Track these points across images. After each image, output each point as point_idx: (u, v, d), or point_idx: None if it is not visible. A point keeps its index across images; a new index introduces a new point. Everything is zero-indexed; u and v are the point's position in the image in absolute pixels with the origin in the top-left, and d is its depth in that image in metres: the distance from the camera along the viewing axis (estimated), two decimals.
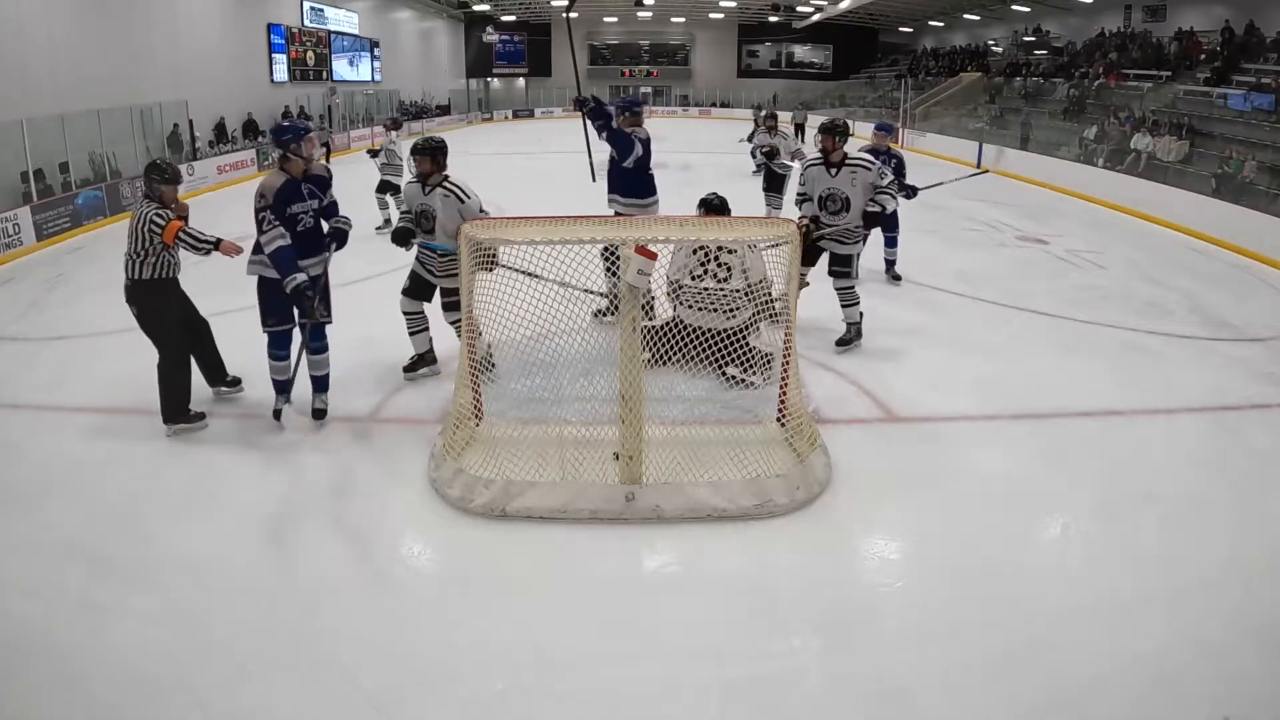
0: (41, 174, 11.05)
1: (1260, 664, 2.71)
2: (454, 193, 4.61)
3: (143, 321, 4.40)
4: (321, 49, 23.81)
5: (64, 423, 4.52)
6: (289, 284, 4.08)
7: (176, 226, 4.25)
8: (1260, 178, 11.61)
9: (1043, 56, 23.67)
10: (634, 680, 2.64)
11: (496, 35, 36.34)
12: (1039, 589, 3.10)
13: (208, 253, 4.34)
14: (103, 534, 3.42)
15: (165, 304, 4.38)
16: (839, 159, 5.09)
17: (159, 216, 4.23)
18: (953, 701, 2.56)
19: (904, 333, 5.91)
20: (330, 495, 3.71)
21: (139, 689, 2.58)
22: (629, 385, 3.42)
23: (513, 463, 3.62)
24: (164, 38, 16.08)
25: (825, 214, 5.13)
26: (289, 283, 4.07)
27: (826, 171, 5.12)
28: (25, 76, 12.25)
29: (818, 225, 5.20)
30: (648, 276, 3.36)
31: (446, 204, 4.60)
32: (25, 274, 8.38)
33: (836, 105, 30.96)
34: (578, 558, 3.27)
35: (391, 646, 2.76)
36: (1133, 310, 6.65)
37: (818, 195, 5.18)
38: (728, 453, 3.68)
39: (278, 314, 4.30)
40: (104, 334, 6.06)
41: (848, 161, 5.08)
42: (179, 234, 4.25)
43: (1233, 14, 17.26)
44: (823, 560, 3.29)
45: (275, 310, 4.29)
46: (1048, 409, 4.67)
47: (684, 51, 38.81)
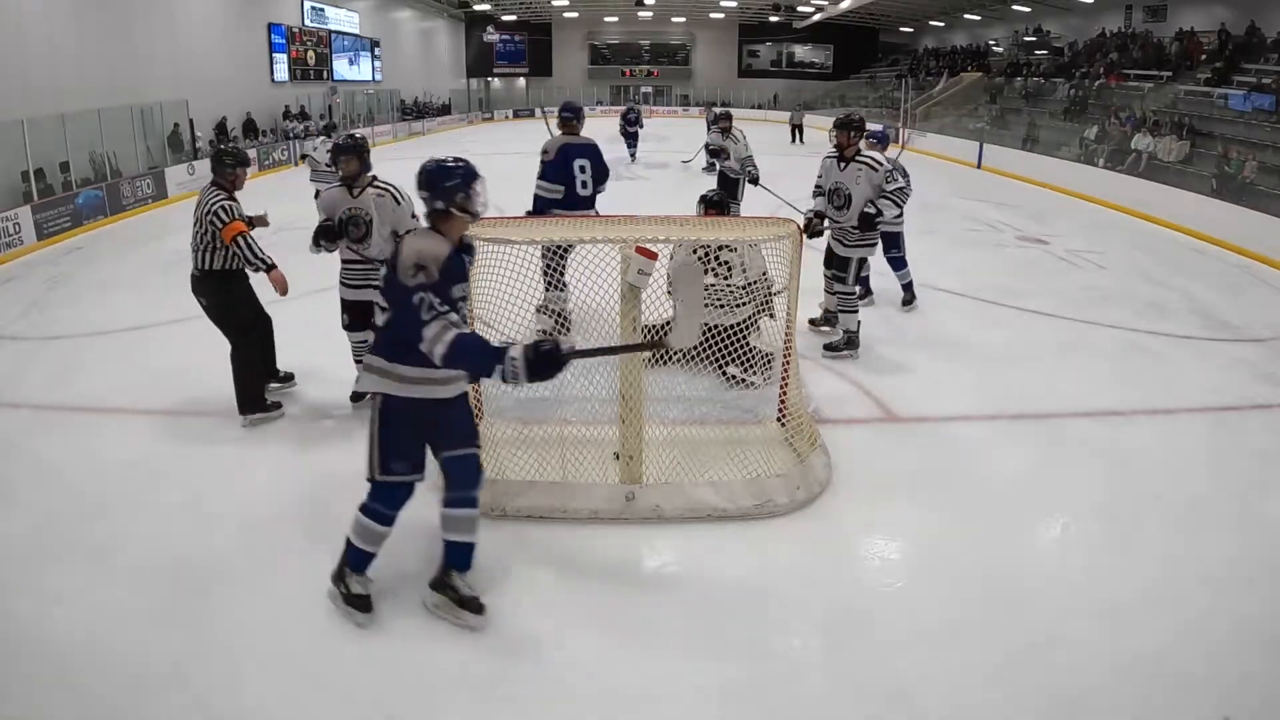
0: (42, 173, 11.06)
1: (1262, 665, 2.71)
2: (389, 192, 4.24)
3: (212, 313, 4.35)
4: (322, 49, 23.81)
5: (63, 422, 4.52)
6: (511, 370, 2.43)
7: (237, 229, 4.12)
8: (1261, 178, 11.61)
9: (1043, 56, 23.66)
10: (634, 681, 2.64)
11: (497, 35, 36.34)
12: (1040, 589, 3.10)
13: (256, 270, 4.20)
14: (103, 534, 3.42)
15: (234, 295, 4.32)
16: (851, 154, 5.05)
17: (224, 210, 4.13)
18: (953, 702, 2.55)
19: (904, 333, 5.91)
20: (329, 496, 3.69)
21: (138, 689, 2.58)
22: (629, 385, 3.42)
23: (512, 462, 3.61)
24: (164, 37, 16.08)
25: (831, 208, 5.12)
26: (511, 369, 2.43)
27: (838, 165, 5.10)
28: (25, 76, 12.25)
29: (822, 220, 5.21)
30: (648, 276, 3.35)
31: (381, 204, 4.23)
32: (26, 273, 8.38)
33: (837, 105, 30.95)
34: (578, 557, 3.27)
35: (391, 646, 2.76)
36: (1133, 310, 6.65)
37: (826, 189, 5.17)
38: (728, 452, 3.67)
39: (408, 455, 2.76)
40: (104, 333, 6.07)
41: (858, 158, 5.03)
42: (236, 238, 4.12)
43: (1233, 14, 17.27)
44: (823, 560, 3.29)
45: (404, 450, 2.76)
46: (1048, 409, 4.67)
47: (685, 51, 38.81)
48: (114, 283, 7.74)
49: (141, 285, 7.55)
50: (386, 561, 3.18)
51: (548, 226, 3.86)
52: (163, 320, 6.25)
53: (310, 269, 4.83)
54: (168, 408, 4.66)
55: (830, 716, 2.52)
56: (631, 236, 3.38)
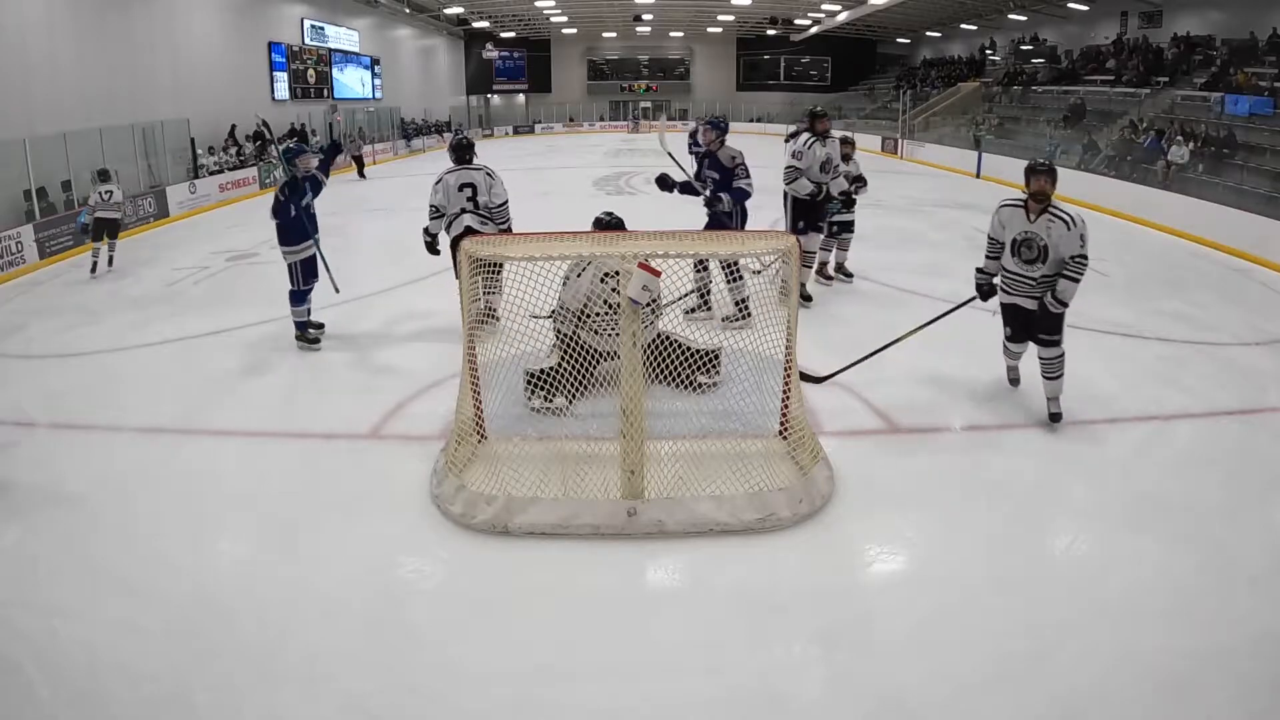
0: (44, 192, 11.12)
1: (1266, 669, 2.68)
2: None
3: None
4: (322, 66, 23.96)
5: (64, 438, 4.52)
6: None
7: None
8: (1261, 181, 11.62)
9: (1040, 65, 23.77)
10: (637, 695, 2.62)
11: (496, 52, 36.56)
12: (1043, 598, 3.07)
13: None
14: (100, 548, 3.41)
15: None
16: (1043, 207, 4.34)
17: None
18: (957, 713, 2.53)
19: (904, 343, 5.89)
20: (332, 512, 3.70)
21: (141, 705, 2.56)
22: (630, 400, 3.41)
23: (515, 479, 3.60)
24: (165, 56, 16.19)
25: (1019, 261, 4.43)
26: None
27: (1026, 215, 4.39)
28: (27, 95, 12.34)
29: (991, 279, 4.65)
30: (651, 293, 3.36)
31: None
32: (28, 292, 8.41)
33: (835, 116, 31.07)
34: (580, 573, 3.25)
35: (394, 663, 2.75)
36: (1134, 316, 6.64)
37: (1007, 239, 4.48)
38: (730, 466, 3.66)
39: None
40: (106, 351, 6.08)
41: (1051, 209, 4.31)
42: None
43: (1228, 19, 17.35)
44: (826, 573, 3.27)
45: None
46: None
47: (683, 66, 39.01)
48: (116, 301, 7.75)
49: (143, 304, 7.56)
50: (388, 581, 3.18)
51: (549, 244, 3.86)
52: (167, 338, 6.27)
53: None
54: (167, 425, 4.65)
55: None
56: (630, 252, 3.38)
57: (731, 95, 37.56)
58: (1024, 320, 4.52)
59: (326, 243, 6.17)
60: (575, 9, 31.38)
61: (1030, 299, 4.43)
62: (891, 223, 11.19)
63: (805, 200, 6.58)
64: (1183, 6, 18.83)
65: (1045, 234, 4.29)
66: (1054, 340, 4.43)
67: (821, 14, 29.57)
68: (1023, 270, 4.42)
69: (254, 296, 4.41)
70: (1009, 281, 4.52)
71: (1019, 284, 4.47)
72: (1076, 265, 4.24)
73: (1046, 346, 4.44)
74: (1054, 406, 4.52)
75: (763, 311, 3.89)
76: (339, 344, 5.98)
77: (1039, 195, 4.31)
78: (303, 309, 5.84)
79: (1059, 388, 4.51)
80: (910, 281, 7.50)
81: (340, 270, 6.23)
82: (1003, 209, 4.51)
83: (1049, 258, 4.31)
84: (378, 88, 27.70)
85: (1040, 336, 4.45)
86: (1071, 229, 4.21)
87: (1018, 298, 4.50)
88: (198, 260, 9.49)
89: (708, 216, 6.01)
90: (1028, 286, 4.43)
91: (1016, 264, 4.43)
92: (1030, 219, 4.35)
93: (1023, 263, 4.40)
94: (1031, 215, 4.35)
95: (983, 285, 4.68)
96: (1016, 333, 4.63)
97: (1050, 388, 4.53)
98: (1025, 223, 4.36)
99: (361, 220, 12.36)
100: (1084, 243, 4.22)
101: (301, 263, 5.74)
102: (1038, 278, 4.38)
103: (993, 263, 4.62)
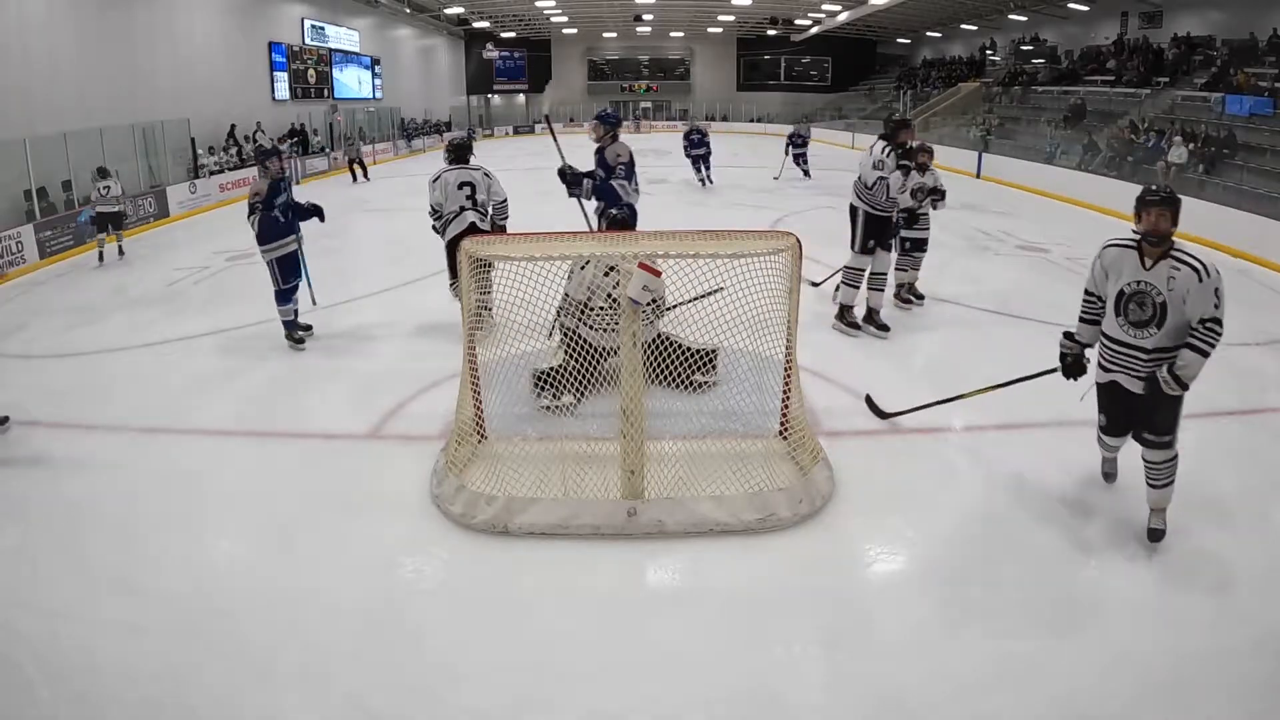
0: (44, 192, 11.12)
1: (1266, 670, 2.68)
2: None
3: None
4: (322, 66, 23.97)
5: (65, 438, 4.51)
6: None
7: None
8: (1261, 181, 11.62)
9: (1040, 65, 23.78)
10: (636, 695, 2.62)
11: (496, 52, 36.57)
12: (1043, 599, 3.07)
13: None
14: (100, 548, 3.42)
15: None
16: (1163, 249, 3.20)
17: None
18: (957, 713, 2.53)
19: (905, 343, 5.90)
20: (332, 512, 3.70)
21: (141, 705, 2.57)
22: (630, 400, 3.41)
23: (515, 479, 3.60)
24: (165, 56, 16.19)
25: (1124, 323, 3.26)
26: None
27: (1140, 260, 3.23)
28: (28, 95, 12.35)
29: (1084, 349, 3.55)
30: (651, 293, 3.36)
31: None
32: (28, 292, 8.41)
33: (835, 117, 31.11)
34: (580, 573, 3.26)
35: (394, 663, 2.75)
36: None
37: (1113, 293, 3.29)
38: (730, 467, 3.66)
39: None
40: (106, 351, 6.08)
41: (1174, 254, 3.20)
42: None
43: (1228, 20, 17.36)
44: (827, 573, 3.27)
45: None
46: (1050, 418, 4.63)
47: (683, 66, 39.03)
48: (116, 301, 7.75)
49: (143, 304, 7.57)
50: (388, 581, 3.17)
51: (550, 243, 3.86)
52: (167, 338, 6.27)
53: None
54: (167, 424, 4.66)
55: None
56: (630, 252, 3.38)
57: (732, 95, 37.59)
58: (1125, 405, 3.35)
59: (326, 243, 6.18)
60: (575, 9, 31.39)
61: (1136, 377, 3.25)
62: None
63: (880, 216, 5.79)
64: (1183, 7, 18.84)
65: (1165, 287, 3.12)
66: (1164, 440, 3.26)
67: (822, 14, 29.59)
68: (1129, 337, 3.23)
69: (254, 296, 4.44)
70: (1109, 352, 3.33)
71: (1122, 356, 3.27)
72: (1208, 332, 3.06)
73: (1153, 447, 3.28)
74: (1156, 520, 3.40)
75: (763, 311, 3.89)
76: (339, 344, 5.98)
77: (1156, 235, 3.16)
78: (289, 308, 5.84)
79: (1166, 497, 3.36)
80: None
81: (340, 270, 6.25)
82: (1107, 251, 3.34)
83: (1167, 321, 3.13)
84: (378, 88, 27.71)
85: (1146, 436, 3.30)
86: (1204, 280, 3.06)
87: (1118, 374, 3.32)
88: (198, 260, 9.49)
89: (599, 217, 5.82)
90: (1134, 360, 3.23)
91: (1122, 327, 3.25)
92: (1145, 266, 3.19)
93: (1131, 326, 3.21)
94: (1147, 261, 3.20)
95: (1070, 357, 3.54)
96: (1114, 422, 3.48)
97: (1154, 496, 3.38)
98: (1138, 270, 3.19)
99: (361, 220, 12.37)
100: (1219, 301, 3.07)
101: (279, 260, 5.74)
102: (1149, 349, 3.19)
103: (1088, 328, 3.46)
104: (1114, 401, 3.41)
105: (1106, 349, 3.34)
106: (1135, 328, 3.21)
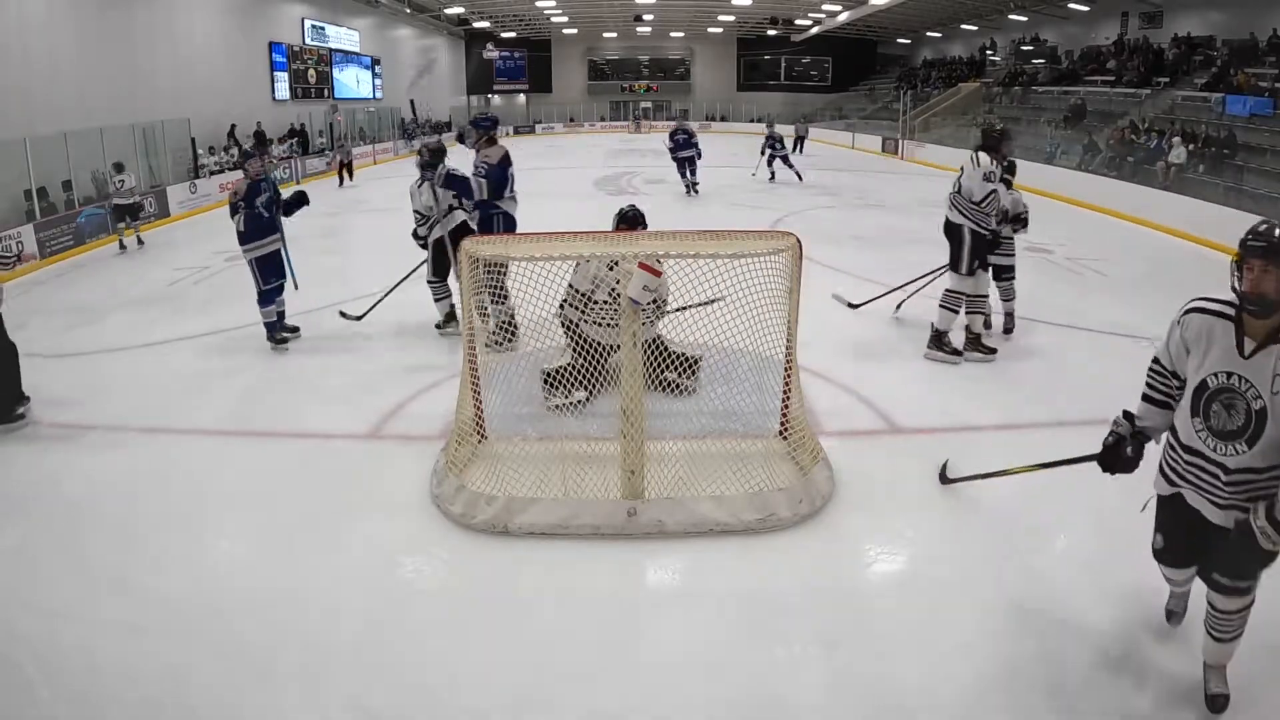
0: (45, 192, 11.13)
1: (1266, 670, 2.67)
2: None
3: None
4: (323, 66, 23.97)
5: (64, 437, 4.52)
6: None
7: None
8: (1261, 181, 11.62)
9: (1041, 65, 23.78)
10: (637, 695, 2.62)
11: (497, 52, 36.58)
12: (1044, 600, 3.07)
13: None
14: (100, 548, 3.42)
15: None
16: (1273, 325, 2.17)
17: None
18: (957, 713, 2.53)
19: (905, 344, 5.89)
20: (332, 512, 3.70)
21: (140, 705, 2.56)
22: (630, 400, 3.41)
23: (515, 479, 3.60)
24: (166, 56, 16.20)
25: (1203, 424, 2.27)
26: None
27: (1235, 343, 2.22)
28: (28, 95, 12.35)
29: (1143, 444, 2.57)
30: (651, 293, 3.36)
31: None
32: (28, 292, 8.40)
33: (836, 117, 31.11)
34: (580, 573, 3.25)
35: (394, 663, 2.74)
36: (1137, 317, 6.63)
37: (1199, 379, 2.29)
38: (730, 466, 3.66)
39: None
40: (108, 351, 6.08)
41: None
42: None
43: (1229, 20, 17.36)
44: (826, 574, 3.26)
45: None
46: (1051, 418, 4.64)
47: (684, 66, 39.03)
48: (116, 301, 7.75)
49: (143, 304, 7.57)
50: (388, 581, 3.17)
51: (550, 243, 3.86)
52: (168, 338, 6.27)
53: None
54: (167, 424, 4.66)
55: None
56: (631, 251, 3.38)
57: (732, 95, 37.59)
58: (1195, 530, 2.38)
59: (325, 242, 6.18)
60: (576, 9, 31.40)
61: (1213, 502, 2.30)
62: (892, 223, 11.21)
63: (985, 234, 5.36)
64: (1183, 7, 18.84)
65: (1268, 387, 2.14)
66: (1241, 586, 2.35)
67: (822, 14, 29.60)
68: (1207, 448, 2.27)
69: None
70: (1177, 461, 2.38)
71: (1195, 472, 2.33)
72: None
73: (1226, 594, 2.37)
74: (1215, 684, 2.50)
75: (763, 310, 3.88)
76: (339, 344, 5.98)
77: (1257, 299, 2.15)
78: (271, 309, 5.83)
79: (1228, 653, 2.47)
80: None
81: (341, 270, 6.24)
82: (1191, 317, 2.36)
83: (1265, 434, 2.16)
84: (378, 88, 27.71)
85: (1217, 578, 2.37)
86: None
87: (1190, 490, 2.36)
88: (198, 260, 9.50)
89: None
90: (1211, 481, 2.29)
91: (1199, 433, 2.28)
92: (1243, 351, 2.19)
93: (1211, 434, 2.25)
94: (1247, 344, 2.19)
95: (1119, 442, 2.57)
96: (1175, 548, 2.54)
97: (1215, 651, 2.48)
98: (1232, 355, 2.21)
99: (361, 220, 12.37)
100: None
101: (259, 260, 5.75)
102: (1231, 469, 2.23)
103: (1156, 412, 2.49)
104: (1178, 523, 2.42)
105: (1174, 455, 2.38)
106: (1217, 438, 2.22)
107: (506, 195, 5.94)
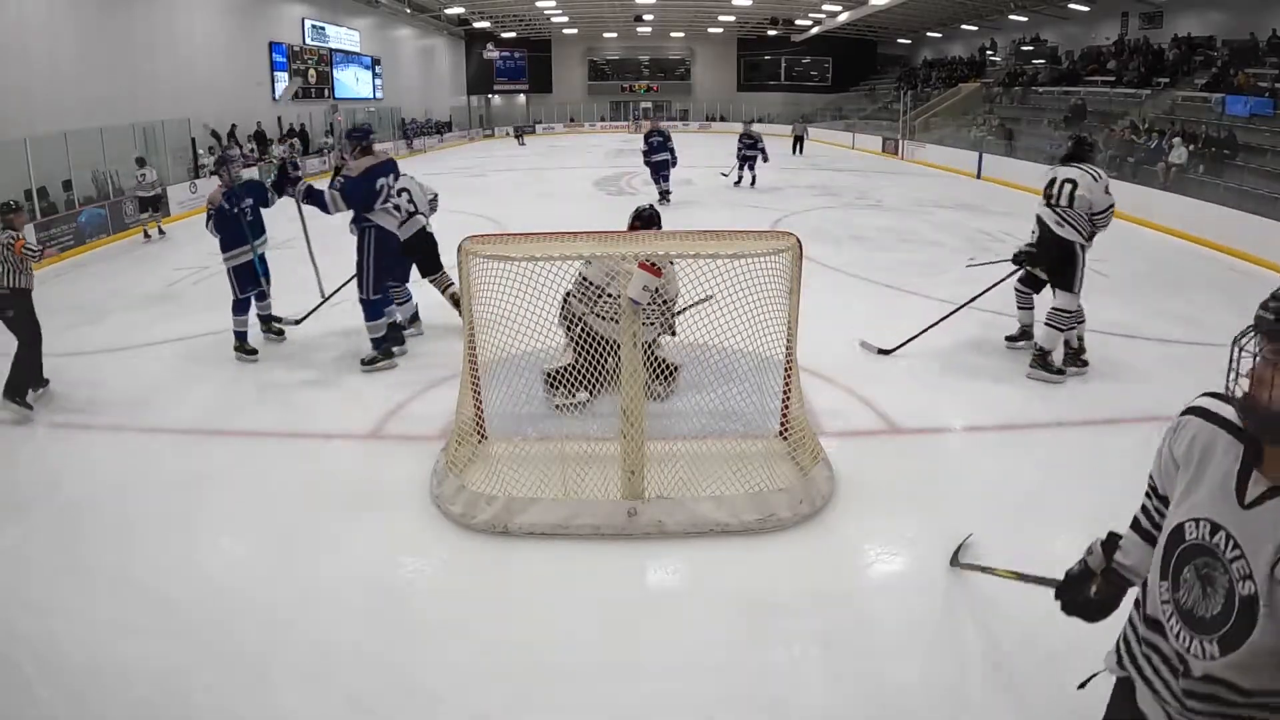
0: (45, 191, 11.13)
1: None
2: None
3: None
4: (323, 66, 23.98)
5: (64, 438, 4.52)
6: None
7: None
8: (1261, 181, 11.62)
9: (1041, 66, 23.79)
10: (637, 695, 2.62)
11: (497, 52, 36.61)
12: (1044, 600, 3.06)
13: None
14: (99, 548, 3.42)
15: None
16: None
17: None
18: (956, 713, 2.53)
19: (906, 344, 5.88)
20: (332, 512, 3.69)
21: (140, 705, 2.56)
22: (630, 400, 3.41)
23: (515, 479, 3.60)
24: (166, 56, 16.21)
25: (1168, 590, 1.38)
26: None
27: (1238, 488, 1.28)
28: (28, 95, 12.36)
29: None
30: (651, 292, 3.36)
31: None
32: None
33: (836, 118, 31.12)
34: (580, 573, 3.25)
35: (394, 662, 2.74)
36: (1136, 318, 6.63)
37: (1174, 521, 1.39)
38: (730, 467, 3.65)
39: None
40: (106, 351, 6.08)
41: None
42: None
43: (1229, 20, 17.36)
44: (826, 574, 3.26)
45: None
46: (1051, 419, 4.64)
47: (684, 66, 39.05)
48: (116, 301, 7.75)
49: (143, 304, 7.57)
50: (388, 581, 3.16)
51: (550, 243, 3.86)
52: (167, 338, 6.27)
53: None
54: (167, 424, 4.66)
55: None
56: (632, 252, 3.38)
57: (732, 95, 37.60)
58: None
59: (325, 242, 6.19)
60: (576, 9, 31.41)
61: (1164, 708, 1.41)
62: (893, 222, 11.21)
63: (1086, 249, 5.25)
64: (1183, 7, 18.85)
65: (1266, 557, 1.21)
66: None
67: (822, 14, 29.62)
68: (1171, 630, 1.37)
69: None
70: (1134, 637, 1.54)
71: (1155, 662, 1.44)
72: None
73: None
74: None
75: (763, 310, 3.88)
76: (339, 344, 5.97)
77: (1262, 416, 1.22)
78: (243, 319, 5.73)
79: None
80: (912, 282, 7.49)
81: (340, 269, 6.24)
82: (1190, 419, 1.49)
83: (1255, 632, 1.22)
84: (378, 88, 27.72)
85: None
86: None
87: (1142, 686, 1.49)
88: (198, 260, 9.47)
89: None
90: (1167, 681, 1.39)
91: (1165, 604, 1.39)
92: (1244, 492, 1.28)
93: (1179, 614, 1.35)
94: (1250, 487, 1.27)
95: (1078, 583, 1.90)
96: None
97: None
98: (1228, 497, 1.30)
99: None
100: None
101: (235, 269, 5.71)
102: (1199, 680, 1.32)
103: (1142, 546, 1.65)
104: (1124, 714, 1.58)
105: (1133, 624, 1.56)
106: (1184, 621, 1.35)
107: (378, 207, 5.41)
